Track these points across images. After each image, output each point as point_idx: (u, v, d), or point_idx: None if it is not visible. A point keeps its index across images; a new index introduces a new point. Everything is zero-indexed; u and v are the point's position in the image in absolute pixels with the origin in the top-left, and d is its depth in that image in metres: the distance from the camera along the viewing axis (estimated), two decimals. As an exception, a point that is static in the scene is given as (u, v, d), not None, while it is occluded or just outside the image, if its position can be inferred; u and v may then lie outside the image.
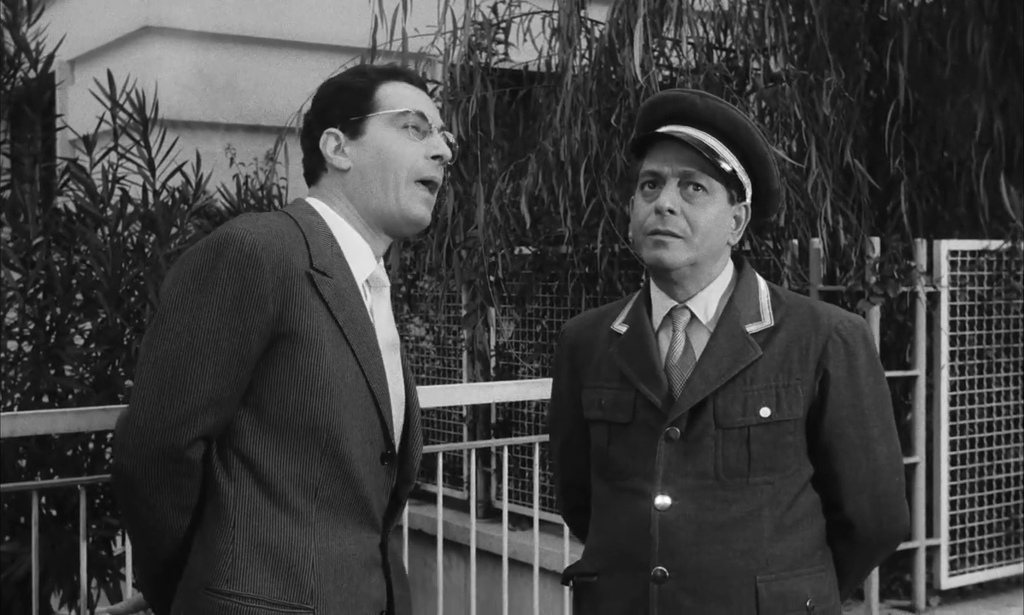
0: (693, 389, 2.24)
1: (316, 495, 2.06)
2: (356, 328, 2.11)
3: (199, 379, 2.00)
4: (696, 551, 2.21)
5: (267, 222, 2.08)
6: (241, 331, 2.00)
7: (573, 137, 5.36)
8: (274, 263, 2.02)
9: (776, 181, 2.34)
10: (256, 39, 7.13)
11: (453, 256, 5.76)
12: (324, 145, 2.21)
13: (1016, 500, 5.62)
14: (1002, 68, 5.94)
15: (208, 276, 2.01)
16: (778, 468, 2.25)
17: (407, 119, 2.20)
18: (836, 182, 5.44)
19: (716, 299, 2.32)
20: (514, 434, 6.34)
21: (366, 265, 2.20)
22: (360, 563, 2.11)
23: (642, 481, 2.26)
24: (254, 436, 2.05)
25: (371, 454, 2.12)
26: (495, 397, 4.00)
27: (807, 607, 2.24)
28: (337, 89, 2.24)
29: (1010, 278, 5.55)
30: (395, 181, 2.18)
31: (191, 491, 2.07)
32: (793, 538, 2.25)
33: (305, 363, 2.04)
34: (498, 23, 6.07)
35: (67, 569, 4.49)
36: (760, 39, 5.55)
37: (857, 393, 2.29)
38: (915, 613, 5.28)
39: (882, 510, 2.34)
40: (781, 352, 2.27)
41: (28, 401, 4.53)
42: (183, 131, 6.29)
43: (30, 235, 4.57)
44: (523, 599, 5.06)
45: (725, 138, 2.29)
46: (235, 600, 2.02)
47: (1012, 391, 5.60)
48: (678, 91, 2.36)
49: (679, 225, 2.25)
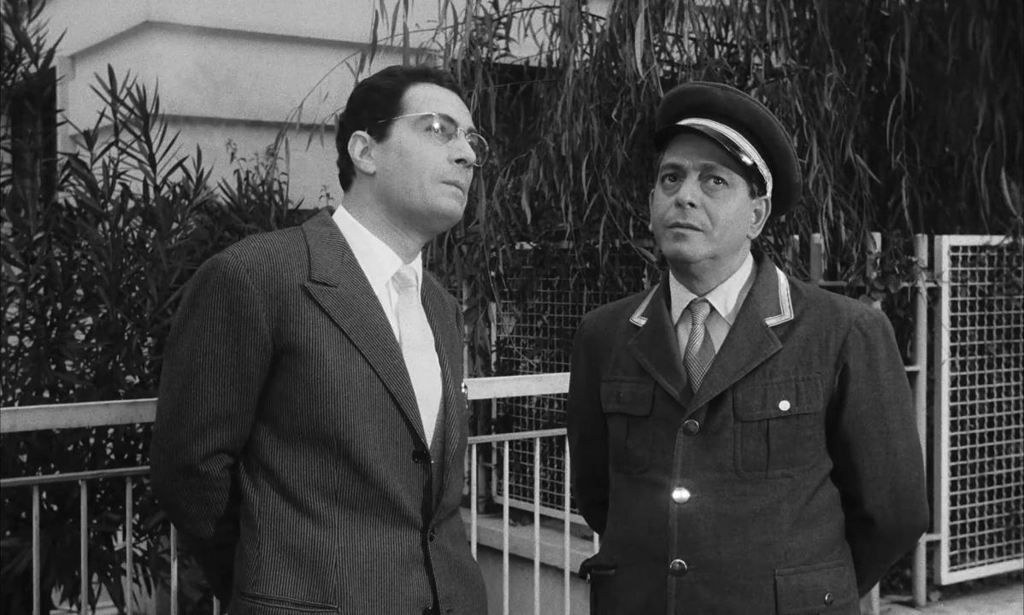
0: (712, 382, 2.24)
1: (337, 498, 2.11)
2: (367, 332, 2.14)
3: (203, 398, 2.11)
4: (715, 544, 2.21)
5: (262, 243, 2.15)
6: (236, 350, 2.10)
7: (574, 132, 5.35)
8: (261, 283, 2.10)
9: (797, 175, 2.33)
10: (257, 34, 7.12)
11: (454, 251, 5.76)
12: (352, 148, 2.23)
13: (1017, 495, 5.62)
14: (1003, 63, 5.94)
15: (199, 301, 2.12)
16: (797, 462, 2.25)
17: (431, 122, 2.20)
18: (837, 177, 5.44)
19: (736, 292, 2.32)
20: (515, 429, 6.34)
21: (388, 267, 2.22)
22: (395, 561, 2.13)
23: (660, 474, 2.26)
24: (272, 447, 2.13)
25: (398, 454, 2.14)
26: (496, 393, 3.99)
27: (825, 601, 2.23)
28: (367, 91, 2.25)
29: (1011, 273, 5.55)
30: (419, 183, 2.19)
31: (217, 502, 2.18)
32: (812, 532, 2.25)
33: (307, 373, 2.09)
34: (499, 18, 6.06)
35: (68, 564, 4.50)
36: (761, 34, 5.55)
37: (877, 387, 2.28)
38: (915, 608, 5.28)
39: (902, 504, 2.33)
40: (801, 345, 2.26)
41: (29, 396, 4.53)
42: (184, 126, 6.28)
43: (31, 230, 4.57)
44: (524, 594, 5.07)
45: (746, 131, 2.28)
46: (261, 602, 2.10)
47: (1013, 387, 5.60)
48: (700, 84, 2.35)
49: (699, 218, 2.25)
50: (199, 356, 2.10)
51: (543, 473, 5.98)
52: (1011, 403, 5.60)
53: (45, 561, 4.40)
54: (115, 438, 4.74)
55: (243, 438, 2.15)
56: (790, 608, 2.20)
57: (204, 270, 2.14)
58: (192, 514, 2.19)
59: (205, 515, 2.19)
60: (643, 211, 5.30)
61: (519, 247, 6.07)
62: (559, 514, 5.43)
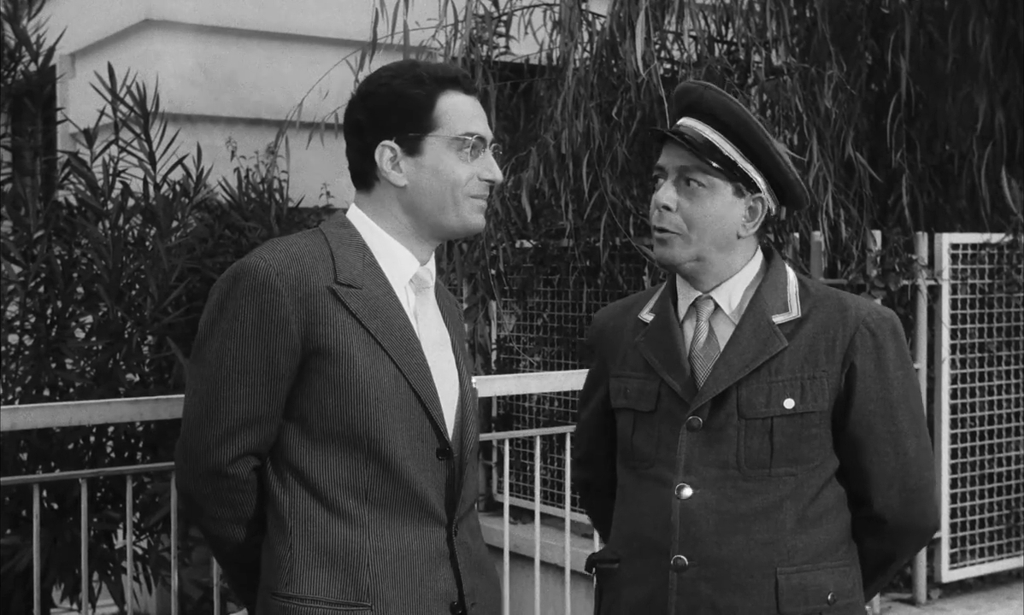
0: (716, 378, 2.24)
1: (367, 498, 2.13)
2: (392, 333, 2.16)
3: (233, 401, 2.12)
4: (717, 541, 2.21)
5: (287, 246, 2.16)
6: (266, 354, 2.11)
7: (575, 130, 5.35)
8: (291, 286, 2.11)
9: (788, 172, 2.31)
10: (257, 32, 7.12)
11: (454, 249, 5.76)
12: (380, 157, 2.22)
13: (1017, 493, 5.62)
14: (1003, 61, 5.94)
15: (228, 305, 2.13)
16: (802, 460, 2.24)
17: (466, 144, 2.22)
18: (837, 175, 5.44)
19: (741, 290, 2.31)
20: (515, 427, 6.33)
21: (407, 269, 2.25)
22: (424, 559, 2.16)
23: (665, 470, 2.26)
24: (302, 448, 2.15)
25: (423, 452, 2.17)
26: (496, 391, 3.99)
27: (828, 601, 2.23)
28: (395, 97, 2.22)
29: (1011, 271, 5.55)
30: (453, 201, 2.22)
31: (245, 504, 2.19)
32: (816, 531, 2.24)
33: (336, 374, 2.11)
34: (499, 16, 6.06)
35: (68, 562, 4.50)
36: (762, 32, 5.54)
37: (886, 386, 2.27)
38: (916, 606, 5.28)
39: (912, 505, 2.31)
40: (807, 343, 2.26)
41: (29, 394, 4.53)
42: (184, 124, 6.28)
43: (31, 228, 4.57)
44: (524, 592, 5.07)
45: (727, 131, 2.28)
46: (296, 602, 2.11)
47: (1013, 384, 5.60)
48: (691, 83, 2.36)
49: (674, 221, 2.26)
50: (228, 359, 2.12)
51: (543, 471, 5.97)
52: (1011, 401, 5.60)
53: (45, 559, 4.40)
54: (115, 436, 4.74)
55: (270, 440, 2.17)
56: (791, 607, 2.20)
57: (232, 274, 2.15)
58: (220, 517, 2.20)
59: (233, 518, 2.20)
60: (643, 209, 5.30)
61: (519, 245, 6.06)
62: (559, 512, 5.43)
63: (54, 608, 4.89)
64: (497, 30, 6.02)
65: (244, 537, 2.22)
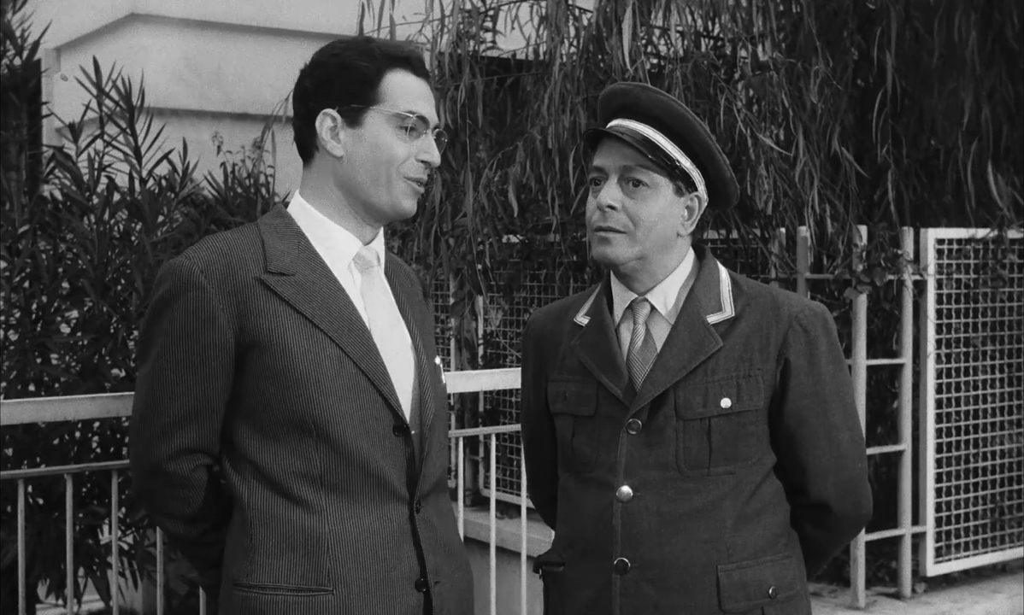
0: (654, 381, 2.25)
1: (323, 483, 2.13)
2: (331, 315, 2.16)
3: (169, 399, 2.16)
4: (658, 542, 2.23)
5: (215, 242, 2.18)
6: (197, 350, 2.13)
7: (561, 125, 5.35)
8: (218, 282, 2.13)
9: (725, 170, 2.33)
10: (243, 27, 7.10)
11: (441, 244, 5.76)
12: (320, 125, 2.22)
13: (1001, 487, 5.64)
14: (989, 56, 5.95)
15: (158, 306, 2.17)
16: (740, 458, 2.27)
17: (406, 121, 2.21)
18: (823, 170, 5.44)
19: (675, 290, 2.33)
20: (501, 422, 6.34)
21: (347, 250, 2.24)
22: (386, 538, 2.16)
23: (605, 472, 2.28)
24: (254, 441, 2.16)
25: (377, 430, 2.17)
26: (483, 385, 3.99)
27: (769, 595, 2.25)
28: (343, 68, 2.22)
29: (996, 266, 5.57)
30: (386, 177, 2.21)
31: (191, 501, 2.21)
32: (755, 527, 2.27)
33: (274, 364, 2.12)
34: (486, 11, 6.06)
35: (54, 558, 4.49)
36: (748, 27, 5.55)
37: (818, 381, 2.30)
38: (901, 600, 5.30)
39: (846, 495, 2.36)
40: (742, 342, 2.28)
41: (14, 389, 4.52)
42: (170, 119, 6.26)
43: (16, 223, 4.55)
44: (511, 587, 5.07)
45: (668, 130, 2.28)
46: (257, 591, 2.13)
47: (998, 379, 5.62)
48: (624, 84, 2.37)
49: (620, 221, 2.27)
50: (161, 358, 2.15)
51: (530, 466, 5.97)
52: (996, 396, 5.62)
53: (31, 555, 4.39)
54: (101, 431, 4.72)
55: (213, 437, 2.19)
56: (733, 603, 2.22)
57: (160, 275, 2.18)
58: (170, 513, 2.24)
59: (180, 514, 2.23)
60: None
61: (506, 240, 6.06)
62: (546, 507, 5.42)
63: (39, 604, 4.87)
64: (484, 25, 6.02)
65: (196, 534, 2.24)
